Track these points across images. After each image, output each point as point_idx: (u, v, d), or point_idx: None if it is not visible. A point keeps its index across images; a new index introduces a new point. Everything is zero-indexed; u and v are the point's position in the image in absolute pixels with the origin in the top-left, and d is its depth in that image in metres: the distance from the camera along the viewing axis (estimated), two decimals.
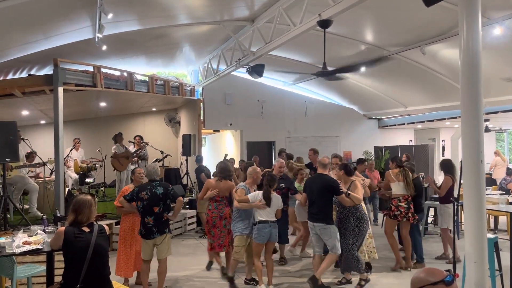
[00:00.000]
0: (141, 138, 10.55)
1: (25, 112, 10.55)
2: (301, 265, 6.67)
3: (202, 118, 12.33)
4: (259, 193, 5.38)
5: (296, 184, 7.03)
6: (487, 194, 8.42)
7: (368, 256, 5.99)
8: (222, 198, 5.93)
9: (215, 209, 5.87)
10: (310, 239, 7.41)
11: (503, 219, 9.10)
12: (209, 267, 6.39)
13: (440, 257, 6.70)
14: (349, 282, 5.74)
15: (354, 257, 5.50)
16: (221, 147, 15.98)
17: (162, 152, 10.88)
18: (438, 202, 7.07)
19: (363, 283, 5.53)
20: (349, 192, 5.45)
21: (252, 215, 5.46)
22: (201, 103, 12.41)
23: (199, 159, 9.32)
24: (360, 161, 8.10)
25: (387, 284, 5.75)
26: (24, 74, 8.95)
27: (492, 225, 8.92)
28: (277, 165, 6.64)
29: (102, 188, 10.82)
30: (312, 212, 5.44)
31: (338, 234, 5.39)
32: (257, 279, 5.44)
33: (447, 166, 6.60)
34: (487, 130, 12.74)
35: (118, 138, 9.88)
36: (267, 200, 5.29)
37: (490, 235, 5.10)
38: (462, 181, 3.74)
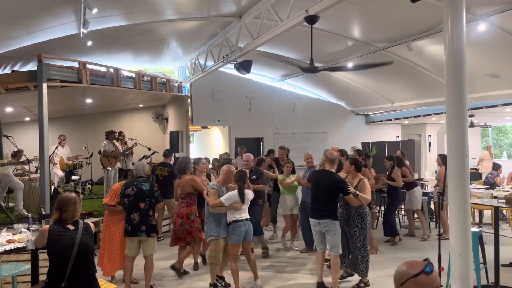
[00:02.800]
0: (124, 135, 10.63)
1: (9, 109, 10.37)
2: (286, 257, 6.74)
3: (190, 114, 12.26)
4: (233, 194, 5.14)
5: (282, 177, 7.14)
6: (472, 189, 8.56)
7: None
8: (186, 196, 5.87)
9: (177, 206, 6.02)
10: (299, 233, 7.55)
11: (487, 213, 9.25)
12: (196, 266, 6.38)
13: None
14: (351, 274, 5.74)
15: (363, 258, 5.38)
16: (209, 143, 15.93)
17: (149, 149, 10.81)
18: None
19: (362, 285, 5.42)
20: (357, 193, 5.23)
21: (225, 215, 5.26)
22: (189, 100, 12.33)
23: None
24: (367, 156, 8.20)
25: (376, 278, 5.81)
26: (7, 70, 8.79)
27: (477, 219, 9.06)
28: (244, 159, 7.09)
29: (89, 186, 10.71)
30: (316, 208, 5.24)
31: (340, 231, 5.28)
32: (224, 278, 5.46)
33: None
34: (472, 125, 12.92)
35: (110, 136, 9.80)
36: (242, 196, 5.12)
37: (475, 229, 5.18)
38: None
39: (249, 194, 5.32)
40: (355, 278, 5.64)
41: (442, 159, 7.72)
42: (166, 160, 8.60)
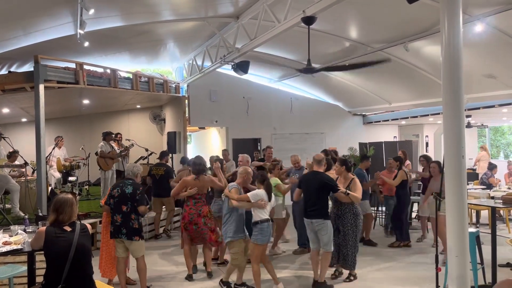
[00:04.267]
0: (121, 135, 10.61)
1: (5, 110, 10.34)
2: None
3: (187, 115, 12.25)
4: (261, 192, 5.13)
5: (275, 181, 6.93)
6: (469, 189, 8.57)
7: None
8: (201, 196, 5.82)
9: (193, 206, 5.73)
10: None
11: (484, 213, 9.27)
12: (195, 269, 6.17)
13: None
14: (341, 273, 5.92)
15: (353, 254, 5.68)
16: (207, 144, 15.92)
17: (147, 150, 10.78)
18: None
19: (352, 277, 5.74)
20: (348, 191, 5.49)
21: (243, 216, 5.27)
22: (186, 100, 12.32)
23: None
24: (364, 157, 8.19)
25: (372, 279, 5.83)
26: (4, 71, 8.76)
27: (474, 219, 9.08)
28: (239, 159, 7.14)
29: (86, 187, 10.68)
30: (308, 209, 5.43)
31: (332, 230, 5.45)
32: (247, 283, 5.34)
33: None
34: (469, 126, 12.96)
35: (107, 137, 9.79)
36: (270, 194, 5.16)
37: (472, 229, 5.19)
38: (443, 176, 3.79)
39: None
40: (345, 273, 5.92)
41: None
42: (162, 161, 8.87)
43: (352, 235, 5.67)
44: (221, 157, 10.97)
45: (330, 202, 5.66)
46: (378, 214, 9.23)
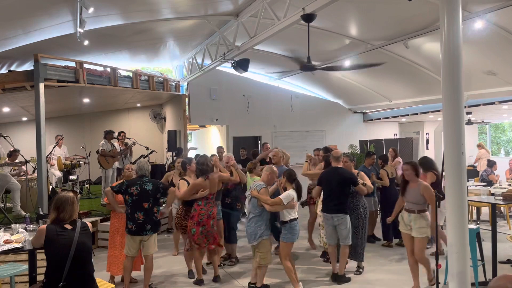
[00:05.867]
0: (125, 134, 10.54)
1: (5, 109, 10.34)
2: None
3: (187, 113, 12.25)
4: (291, 193, 5.10)
5: (255, 179, 6.60)
6: (470, 186, 8.58)
7: (324, 243, 6.26)
8: (213, 196, 5.66)
9: (204, 207, 5.50)
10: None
11: (485, 210, 9.28)
12: (191, 275, 5.97)
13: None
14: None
15: (362, 246, 5.91)
16: (207, 142, 15.92)
17: (147, 148, 10.79)
18: None
19: (361, 270, 5.96)
20: (364, 182, 5.79)
21: (269, 215, 5.23)
22: (186, 99, 12.32)
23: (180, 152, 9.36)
24: (368, 154, 8.19)
25: (372, 275, 5.84)
26: (4, 70, 8.76)
27: (474, 216, 9.08)
28: (225, 160, 6.77)
29: (87, 185, 10.69)
30: (330, 204, 5.57)
31: (351, 224, 5.63)
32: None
33: (425, 164, 6.29)
34: (470, 123, 12.94)
35: (108, 136, 9.78)
36: (300, 194, 5.18)
37: (472, 226, 5.20)
38: (444, 173, 3.79)
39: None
40: (352, 266, 6.05)
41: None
42: (180, 157, 8.78)
43: (362, 227, 5.91)
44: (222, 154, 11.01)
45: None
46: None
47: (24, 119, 12.00)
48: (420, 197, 4.97)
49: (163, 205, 5.94)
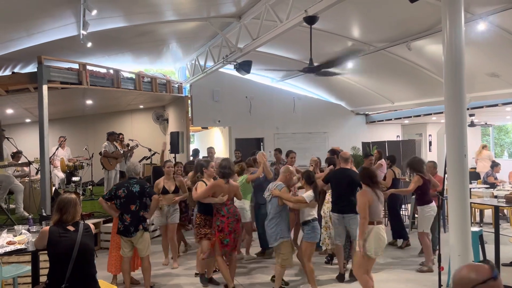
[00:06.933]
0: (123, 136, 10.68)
1: (9, 111, 10.39)
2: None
3: (190, 115, 12.27)
4: (311, 193, 5.05)
5: (242, 177, 6.57)
6: (473, 188, 8.54)
7: (327, 245, 6.23)
8: (231, 201, 5.41)
9: (227, 213, 5.16)
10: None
11: (488, 212, 9.24)
12: (203, 279, 5.68)
13: (421, 264, 6.05)
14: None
15: None
16: (210, 144, 15.91)
17: (150, 150, 10.81)
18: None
19: None
20: None
21: (288, 216, 5.22)
22: (189, 100, 12.34)
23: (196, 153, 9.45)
24: (366, 155, 8.20)
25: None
26: (7, 72, 8.81)
27: (477, 219, 9.05)
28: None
29: (90, 187, 10.71)
30: (340, 204, 5.61)
31: None
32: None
33: (413, 165, 6.09)
34: (473, 125, 12.89)
35: (111, 137, 9.82)
36: (317, 195, 5.16)
37: (475, 228, 5.19)
38: (446, 175, 3.79)
39: None
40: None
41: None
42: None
43: None
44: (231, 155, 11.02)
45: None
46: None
47: (28, 120, 12.04)
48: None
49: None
